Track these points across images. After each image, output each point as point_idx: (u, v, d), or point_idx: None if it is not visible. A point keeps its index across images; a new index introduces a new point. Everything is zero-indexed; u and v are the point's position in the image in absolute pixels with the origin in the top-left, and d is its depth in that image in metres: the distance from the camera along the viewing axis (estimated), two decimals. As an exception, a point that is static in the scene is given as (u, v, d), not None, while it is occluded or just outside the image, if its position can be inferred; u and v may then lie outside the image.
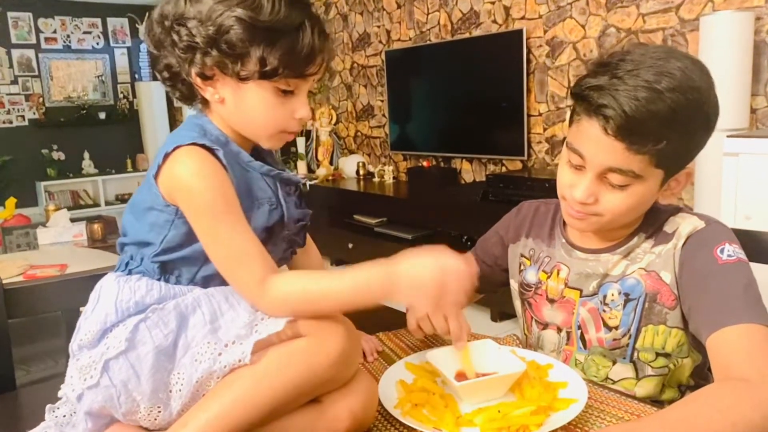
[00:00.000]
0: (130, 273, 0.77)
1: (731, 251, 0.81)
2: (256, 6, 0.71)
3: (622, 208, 0.84)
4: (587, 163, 0.83)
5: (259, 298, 0.70)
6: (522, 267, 1.03)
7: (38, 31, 6.53)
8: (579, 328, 0.93)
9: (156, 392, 0.68)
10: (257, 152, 0.85)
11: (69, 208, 4.61)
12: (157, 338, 0.69)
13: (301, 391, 0.66)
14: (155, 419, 0.69)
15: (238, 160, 0.77)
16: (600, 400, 0.78)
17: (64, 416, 0.75)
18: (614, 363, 0.90)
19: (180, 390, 0.68)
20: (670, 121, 0.76)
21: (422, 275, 0.67)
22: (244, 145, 0.80)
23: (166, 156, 0.72)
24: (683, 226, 0.87)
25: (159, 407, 0.69)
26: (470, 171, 3.68)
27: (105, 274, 0.80)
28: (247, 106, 0.75)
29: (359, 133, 4.64)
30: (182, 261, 0.75)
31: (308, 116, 0.78)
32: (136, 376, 0.68)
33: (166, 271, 0.76)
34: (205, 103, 0.79)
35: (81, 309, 0.81)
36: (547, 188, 2.65)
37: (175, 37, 0.73)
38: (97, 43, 6.88)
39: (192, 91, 0.78)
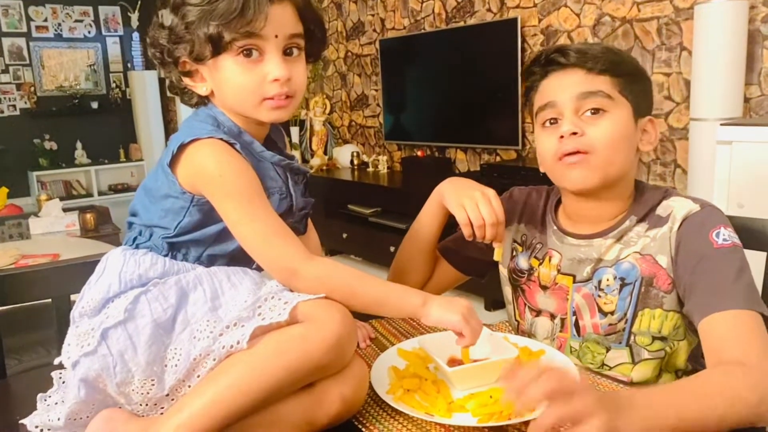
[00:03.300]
0: (137, 247, 0.79)
1: (726, 235, 0.82)
2: None
3: (609, 138, 0.87)
4: (560, 105, 0.89)
5: (300, 270, 0.72)
6: (514, 253, 1.04)
7: (29, 19, 6.46)
8: (574, 314, 0.93)
9: (151, 365, 0.69)
10: (270, 141, 0.88)
11: (61, 198, 4.59)
12: (156, 311, 0.70)
13: (296, 378, 0.67)
14: (147, 392, 0.70)
15: (251, 150, 0.80)
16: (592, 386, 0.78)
17: (56, 403, 0.75)
18: (608, 350, 0.90)
19: (176, 365, 0.69)
20: (612, 51, 0.91)
21: (454, 299, 0.75)
22: (256, 134, 0.83)
23: (182, 146, 0.75)
24: (677, 209, 0.87)
25: (153, 380, 0.69)
26: (465, 161, 3.68)
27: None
28: (224, 84, 0.78)
29: (353, 123, 4.63)
30: (191, 242, 0.78)
31: (282, 75, 0.77)
32: (133, 346, 0.69)
33: (173, 249, 0.78)
34: (208, 100, 0.82)
35: (73, 297, 0.81)
36: (541, 178, 2.65)
37: (157, 53, 0.79)
38: (89, 32, 6.82)
39: (191, 95, 0.83)
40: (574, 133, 0.87)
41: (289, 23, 0.78)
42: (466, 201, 0.92)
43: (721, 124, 1.54)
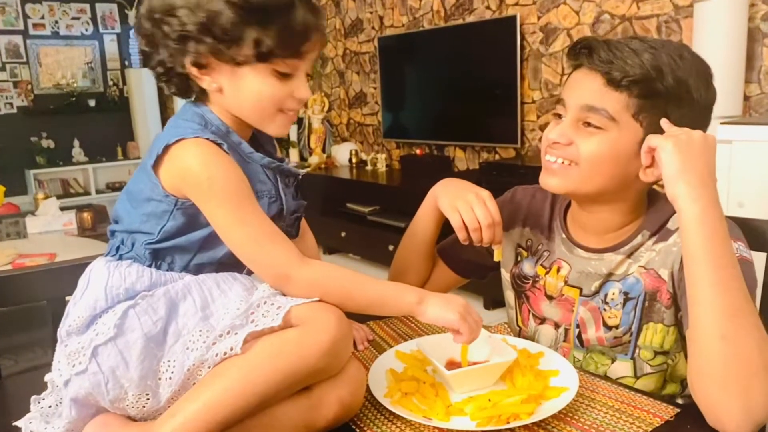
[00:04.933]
0: (120, 258, 0.76)
1: (735, 249, 0.77)
2: None
3: (597, 155, 0.82)
4: (566, 107, 0.85)
5: (294, 275, 0.71)
6: (519, 258, 1.01)
7: (26, 16, 6.42)
8: (577, 326, 0.91)
9: (144, 379, 0.67)
10: (257, 141, 0.84)
11: (59, 197, 4.57)
12: (146, 325, 0.68)
13: (291, 382, 0.66)
14: (143, 407, 0.69)
15: (239, 151, 0.77)
16: (591, 389, 0.78)
17: (50, 407, 0.74)
18: (613, 361, 0.89)
19: (170, 378, 0.68)
20: (655, 65, 0.79)
21: (451, 297, 0.75)
22: (244, 134, 0.79)
23: (167, 147, 0.72)
24: None
25: (147, 394, 0.68)
26: (464, 159, 3.67)
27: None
28: (245, 92, 0.74)
29: (352, 121, 4.61)
30: (176, 249, 0.75)
31: (308, 96, 0.77)
32: (124, 362, 0.67)
33: (158, 257, 0.75)
34: (203, 93, 0.78)
35: (67, 298, 0.80)
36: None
37: (166, 28, 0.72)
38: (86, 30, 6.79)
39: (187, 83, 0.77)
40: (556, 143, 0.85)
41: (322, 47, 0.78)
42: (460, 204, 0.90)
43: (721, 123, 1.53)
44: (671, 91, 0.80)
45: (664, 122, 0.79)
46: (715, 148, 0.76)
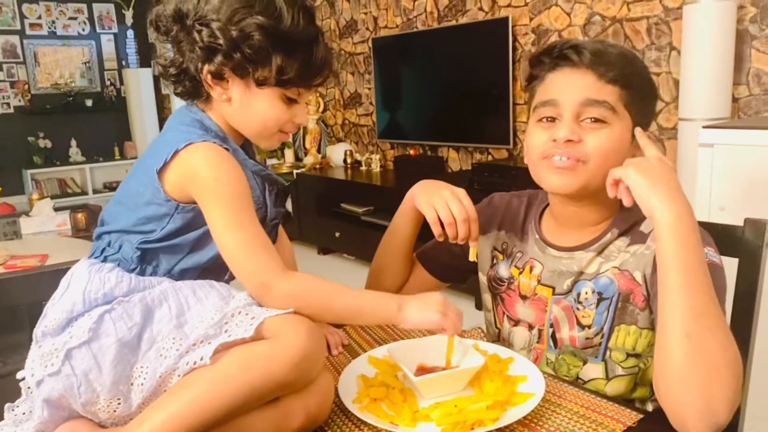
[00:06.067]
0: (105, 260, 0.77)
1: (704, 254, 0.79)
2: (278, 15, 0.74)
3: (606, 148, 0.84)
4: (562, 106, 0.85)
5: (274, 285, 0.72)
6: (495, 261, 1.02)
7: (23, 16, 6.43)
8: (551, 326, 0.92)
9: (116, 384, 0.68)
10: (242, 147, 0.86)
11: (56, 197, 4.59)
12: (121, 330, 0.69)
13: (259, 395, 0.67)
14: (114, 411, 0.69)
15: (235, 157, 0.79)
16: (558, 395, 0.78)
17: (23, 414, 0.75)
18: (585, 363, 0.90)
19: (142, 384, 0.68)
20: (628, 59, 0.87)
21: (428, 295, 0.77)
22: (237, 141, 0.82)
23: (176, 152, 0.74)
24: None
25: (119, 399, 0.69)
26: (457, 159, 3.68)
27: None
28: (253, 109, 0.78)
29: (347, 121, 4.62)
30: (167, 250, 0.77)
31: (306, 122, 0.85)
32: (97, 366, 0.68)
33: (144, 260, 0.76)
34: (208, 99, 0.80)
35: (44, 303, 0.81)
36: (532, 178, 2.64)
37: (196, 36, 0.75)
38: (83, 29, 6.79)
39: (197, 88, 0.79)
40: (570, 140, 0.84)
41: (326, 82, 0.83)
42: (436, 200, 0.92)
43: (703, 127, 1.54)
44: (644, 85, 0.87)
45: (638, 132, 0.83)
46: (671, 166, 0.78)
